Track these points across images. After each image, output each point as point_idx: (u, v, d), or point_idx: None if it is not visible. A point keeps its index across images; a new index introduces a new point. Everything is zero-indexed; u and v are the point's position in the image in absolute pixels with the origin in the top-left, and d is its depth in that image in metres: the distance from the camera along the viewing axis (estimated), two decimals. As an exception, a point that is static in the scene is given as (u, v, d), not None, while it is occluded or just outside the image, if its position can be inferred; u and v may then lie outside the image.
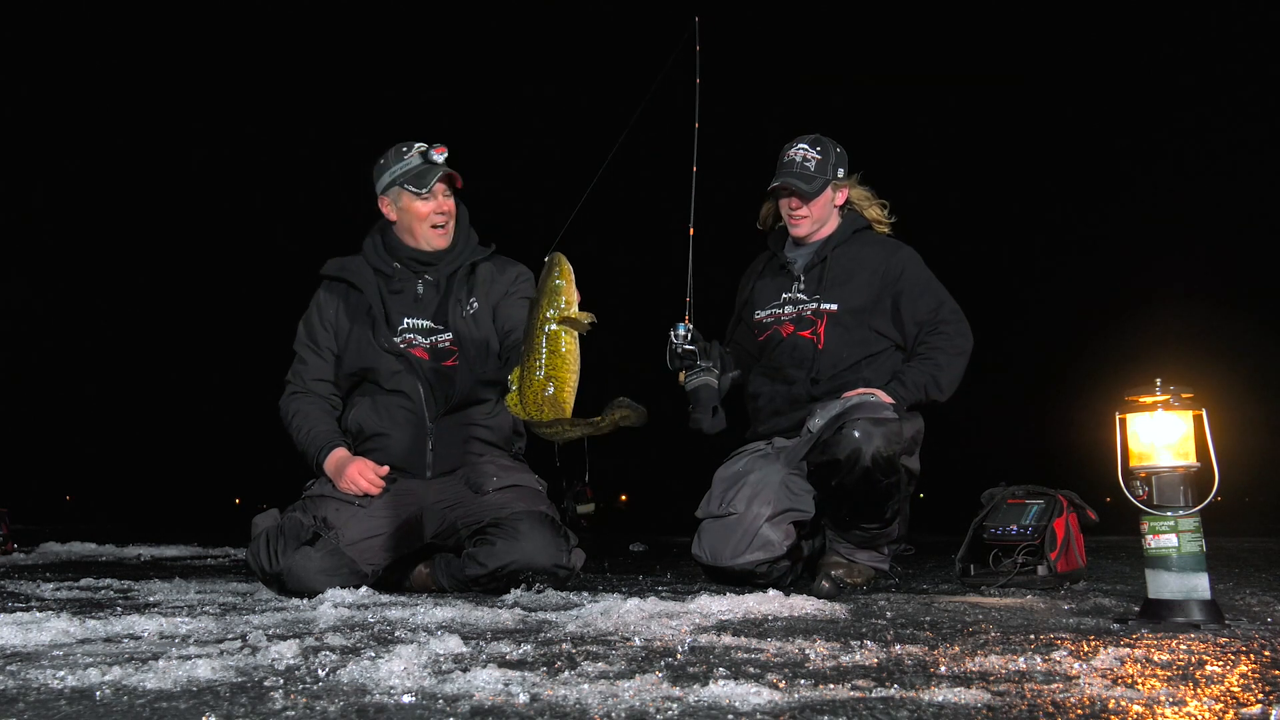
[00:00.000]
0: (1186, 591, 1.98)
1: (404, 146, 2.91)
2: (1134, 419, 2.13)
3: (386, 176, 2.90)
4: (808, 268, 3.09)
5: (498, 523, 2.72)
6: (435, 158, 2.86)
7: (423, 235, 2.90)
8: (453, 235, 2.94)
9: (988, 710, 1.13)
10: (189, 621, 1.91)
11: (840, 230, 3.10)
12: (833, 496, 2.79)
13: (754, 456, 3.04)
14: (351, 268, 2.94)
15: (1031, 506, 2.98)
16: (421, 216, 2.88)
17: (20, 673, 1.35)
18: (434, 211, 2.88)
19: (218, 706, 1.13)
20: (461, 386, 2.87)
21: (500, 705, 1.15)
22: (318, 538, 2.67)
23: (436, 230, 2.90)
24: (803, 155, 3.04)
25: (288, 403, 2.96)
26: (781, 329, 3.07)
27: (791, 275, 3.11)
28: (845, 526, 2.86)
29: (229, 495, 27.64)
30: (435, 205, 2.88)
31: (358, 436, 2.91)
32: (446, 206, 2.90)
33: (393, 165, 2.89)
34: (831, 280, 3.03)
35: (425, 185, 2.84)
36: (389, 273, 2.93)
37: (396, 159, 2.89)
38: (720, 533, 2.88)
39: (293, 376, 2.98)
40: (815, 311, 3.02)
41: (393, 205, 2.92)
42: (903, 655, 1.52)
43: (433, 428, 2.87)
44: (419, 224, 2.89)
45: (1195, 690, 1.24)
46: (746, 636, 1.73)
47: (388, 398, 2.87)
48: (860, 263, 3.04)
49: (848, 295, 3.00)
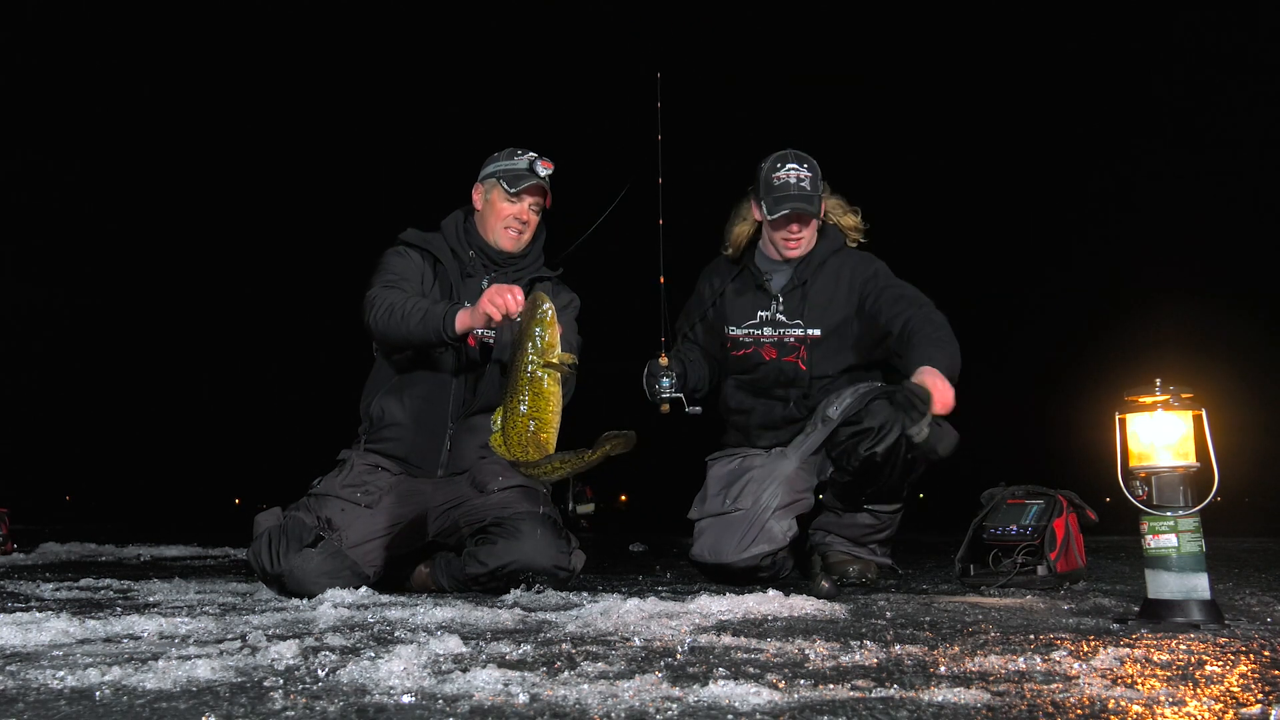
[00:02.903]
0: (1186, 591, 1.98)
1: (519, 150, 2.96)
2: (1134, 419, 2.13)
3: (490, 167, 2.96)
4: (786, 289, 3.03)
5: (499, 522, 2.73)
6: (540, 169, 2.91)
7: (496, 232, 2.94)
8: (524, 245, 2.97)
9: (987, 710, 1.13)
10: (189, 621, 1.91)
11: (820, 250, 3.04)
12: (859, 471, 2.76)
13: (752, 455, 3.03)
14: (433, 243, 2.97)
15: (1031, 506, 2.98)
16: (502, 216, 2.92)
17: (20, 673, 1.35)
18: (514, 215, 2.92)
19: (217, 707, 1.13)
20: (486, 390, 2.89)
21: (500, 705, 1.15)
22: (320, 539, 2.67)
23: (509, 232, 2.93)
24: (797, 177, 2.97)
25: (384, 294, 2.72)
26: (763, 351, 3.04)
27: (768, 293, 3.05)
28: (856, 509, 2.87)
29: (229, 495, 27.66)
30: (517, 210, 2.92)
31: (378, 423, 2.91)
32: (526, 215, 2.93)
33: (500, 160, 2.96)
34: (812, 305, 2.99)
35: (518, 187, 2.89)
36: (464, 259, 2.96)
37: (507, 157, 2.95)
38: (724, 530, 2.87)
39: (382, 284, 2.78)
40: (798, 338, 3.00)
41: (483, 196, 2.97)
42: (902, 655, 1.52)
43: (453, 428, 2.88)
44: (497, 221, 2.93)
45: (1195, 690, 1.24)
46: (746, 636, 1.73)
47: (415, 391, 2.88)
48: (838, 282, 3.01)
49: (829, 318, 2.98)
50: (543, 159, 2.93)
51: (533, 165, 2.91)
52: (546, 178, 2.92)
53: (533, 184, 2.90)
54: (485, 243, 2.96)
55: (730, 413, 3.14)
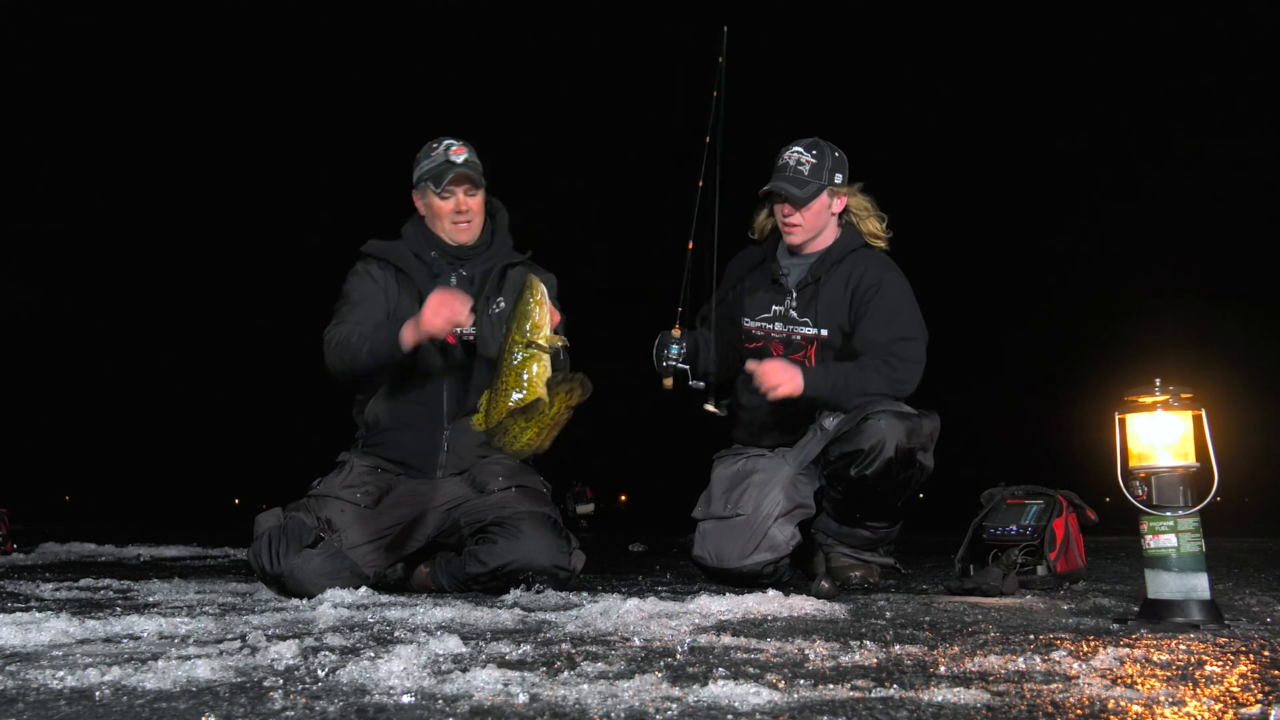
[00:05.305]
0: (1186, 591, 1.98)
1: (434, 144, 2.94)
2: (1133, 419, 2.13)
3: (416, 172, 2.95)
4: (800, 284, 3.01)
5: (500, 521, 2.73)
6: (453, 158, 2.88)
7: (446, 231, 2.93)
8: (478, 231, 2.96)
9: (987, 710, 1.13)
10: (188, 622, 1.91)
11: (837, 247, 3.00)
12: (849, 491, 2.78)
13: (755, 457, 3.03)
14: (395, 251, 2.96)
15: (1031, 506, 2.98)
16: (443, 214, 2.91)
17: (20, 673, 1.35)
18: (453, 210, 2.91)
19: (217, 707, 1.13)
20: (478, 384, 2.85)
21: (500, 705, 1.15)
22: (319, 540, 2.67)
23: (457, 227, 2.92)
24: (796, 159, 2.94)
25: (333, 331, 2.80)
26: (771, 346, 3.03)
27: (783, 288, 3.03)
28: (853, 525, 2.87)
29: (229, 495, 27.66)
30: (455, 204, 2.90)
31: (373, 429, 2.90)
32: (466, 205, 2.91)
33: (422, 162, 2.94)
34: (823, 304, 2.96)
35: (441, 185, 2.87)
36: (428, 260, 2.94)
37: (425, 156, 2.94)
38: (726, 534, 2.87)
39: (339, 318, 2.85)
40: (805, 337, 2.98)
41: (421, 201, 2.96)
42: (902, 655, 1.52)
43: (449, 429, 2.87)
44: (441, 220, 2.92)
45: (1195, 690, 1.24)
46: (746, 637, 1.73)
47: (407, 394, 2.87)
48: (846, 284, 2.96)
49: (837, 318, 2.95)
50: (454, 146, 2.89)
51: (449, 157, 2.88)
52: (465, 163, 2.88)
53: (456, 174, 2.87)
54: (442, 242, 2.95)
55: (739, 408, 3.13)
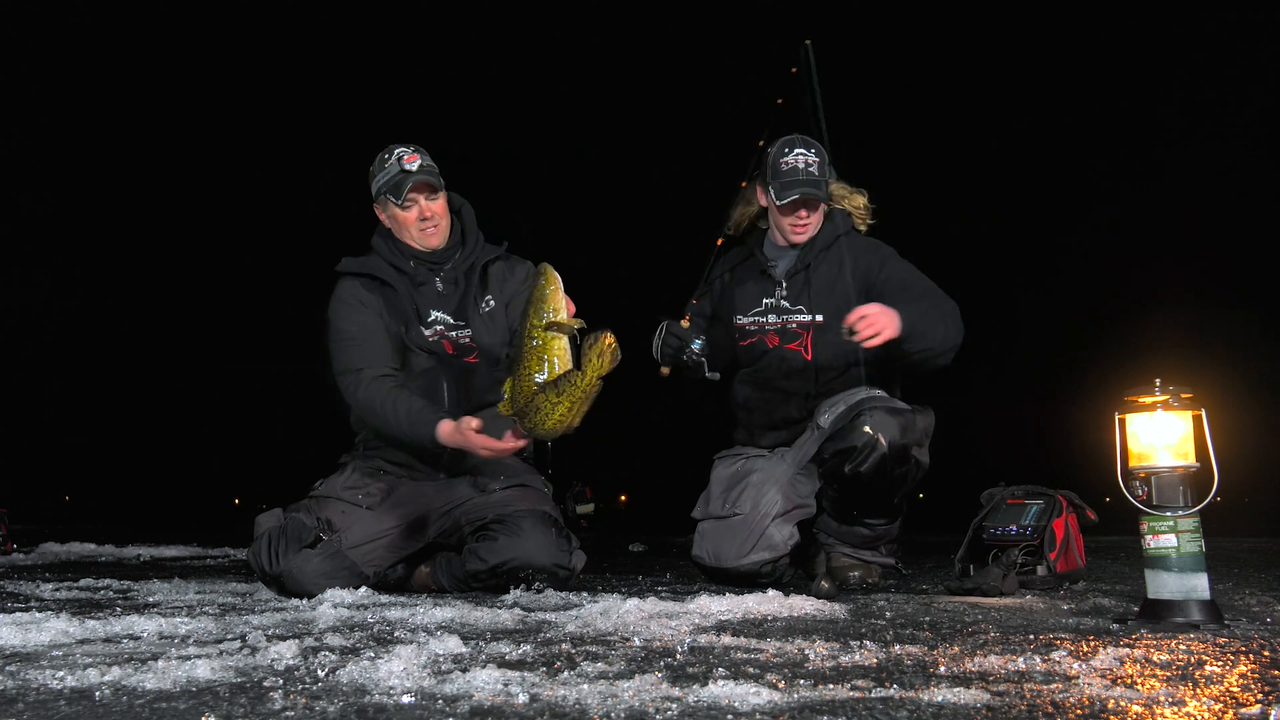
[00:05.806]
0: (1186, 591, 1.98)
1: (386, 154, 2.90)
2: (1133, 419, 2.13)
3: (374, 186, 2.92)
4: (790, 273, 3.02)
5: (501, 519, 2.73)
6: (407, 166, 2.85)
7: (415, 239, 2.91)
8: (446, 233, 2.93)
9: (987, 710, 1.13)
10: (188, 622, 1.91)
11: (823, 235, 3.02)
12: (845, 489, 2.78)
13: (754, 457, 3.03)
14: (372, 264, 2.92)
15: (1031, 507, 2.97)
16: (408, 224, 2.88)
17: (20, 673, 1.35)
18: (417, 218, 2.87)
19: (217, 707, 1.14)
20: (481, 385, 2.86)
21: (500, 705, 1.15)
22: (319, 540, 2.67)
23: (426, 234, 2.90)
24: (805, 161, 2.94)
25: (357, 388, 2.76)
26: (767, 339, 3.02)
27: (772, 280, 3.04)
28: (851, 523, 2.87)
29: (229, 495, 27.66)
30: (418, 211, 2.87)
31: (375, 433, 2.90)
32: (429, 210, 2.88)
33: (377, 175, 2.91)
34: (816, 290, 2.97)
35: (402, 195, 2.84)
36: (408, 271, 2.92)
37: (379, 168, 2.90)
38: (724, 534, 2.87)
39: (351, 364, 2.80)
40: (801, 324, 2.98)
41: (384, 214, 2.94)
42: (902, 655, 1.52)
43: None
44: (408, 229, 2.89)
45: (1194, 690, 1.24)
46: (746, 637, 1.73)
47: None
48: (842, 268, 2.97)
49: (833, 304, 2.94)
50: (405, 154, 2.86)
51: (403, 166, 2.85)
52: (420, 169, 2.85)
53: (415, 182, 2.85)
54: (415, 250, 2.92)
55: (737, 408, 3.13)
